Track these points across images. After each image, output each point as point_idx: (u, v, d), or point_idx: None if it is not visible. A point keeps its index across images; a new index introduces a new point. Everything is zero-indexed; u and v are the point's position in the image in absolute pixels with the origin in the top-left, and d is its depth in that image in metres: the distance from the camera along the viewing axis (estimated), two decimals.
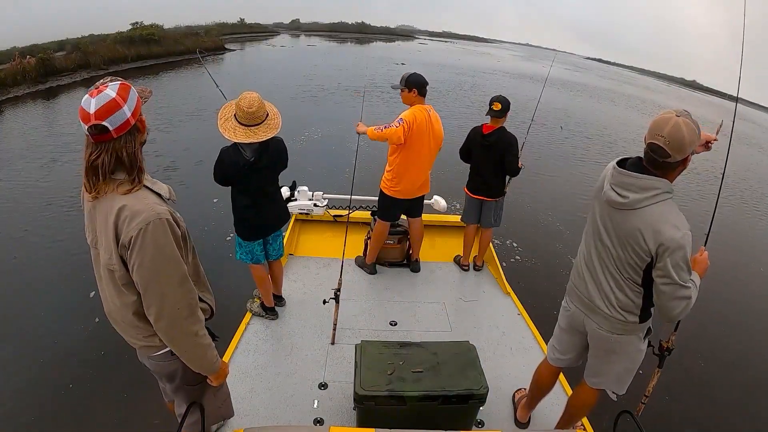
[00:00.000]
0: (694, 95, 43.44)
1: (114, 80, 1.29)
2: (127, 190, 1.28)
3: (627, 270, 1.66)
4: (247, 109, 2.23)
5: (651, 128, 1.54)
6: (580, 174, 9.59)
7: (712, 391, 3.83)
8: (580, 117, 16.46)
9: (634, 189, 1.57)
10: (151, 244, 1.26)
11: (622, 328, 1.75)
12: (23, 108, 11.01)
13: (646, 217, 1.55)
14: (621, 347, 1.80)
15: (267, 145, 2.38)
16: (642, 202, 1.56)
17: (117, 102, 1.23)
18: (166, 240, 1.29)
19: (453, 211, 5.37)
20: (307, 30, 51.78)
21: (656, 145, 1.51)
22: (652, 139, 1.52)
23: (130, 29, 20.32)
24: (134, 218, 1.25)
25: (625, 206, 1.59)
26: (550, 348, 2.14)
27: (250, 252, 2.66)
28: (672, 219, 1.54)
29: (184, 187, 6.77)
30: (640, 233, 1.56)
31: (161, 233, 1.28)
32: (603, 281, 1.74)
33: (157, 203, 1.31)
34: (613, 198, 1.61)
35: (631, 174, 1.58)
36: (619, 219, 1.63)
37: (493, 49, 58.91)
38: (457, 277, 3.57)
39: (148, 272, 1.28)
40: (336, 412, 2.25)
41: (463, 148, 3.42)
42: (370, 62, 26.19)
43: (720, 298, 5.30)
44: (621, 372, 1.86)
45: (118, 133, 1.25)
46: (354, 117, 3.67)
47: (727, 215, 8.62)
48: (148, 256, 1.26)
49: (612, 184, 1.62)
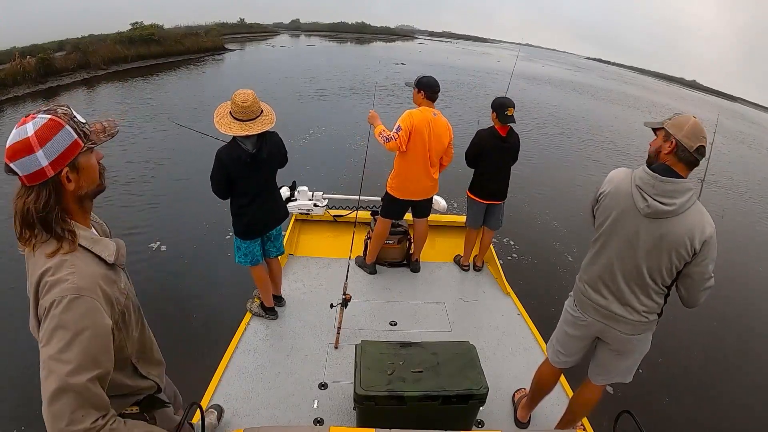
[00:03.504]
0: (694, 95, 43.43)
1: (50, 111, 1.03)
2: (52, 252, 1.03)
3: (663, 276, 1.68)
4: (242, 103, 2.27)
5: (693, 132, 1.57)
6: (579, 173, 9.61)
7: (712, 391, 3.83)
8: (578, 116, 16.47)
9: (677, 194, 1.58)
10: (59, 323, 0.97)
11: (643, 327, 1.78)
12: (23, 108, 11.01)
13: (690, 219, 1.59)
14: (639, 344, 1.84)
15: (265, 137, 2.42)
16: (685, 205, 1.58)
17: (30, 144, 0.98)
18: (80, 324, 0.99)
19: (453, 211, 5.37)
20: (307, 30, 51.80)
21: (703, 147, 1.58)
22: (700, 142, 1.57)
23: (130, 29, 20.28)
24: (52, 288, 1.00)
25: (672, 213, 1.59)
26: (552, 351, 2.11)
27: (250, 253, 2.65)
28: (707, 216, 1.61)
29: (184, 184, 6.79)
30: (687, 235, 1.58)
31: (76, 314, 0.99)
32: (626, 292, 1.74)
33: (85, 275, 1.04)
34: (660, 208, 1.59)
35: (672, 180, 1.58)
36: (662, 228, 1.61)
37: (493, 49, 58.93)
38: (457, 277, 3.57)
39: (50, 356, 0.97)
40: (336, 412, 2.25)
41: (473, 152, 3.28)
42: (370, 62, 26.17)
43: (720, 298, 5.30)
44: (630, 365, 1.90)
45: (30, 182, 1.02)
46: (355, 117, 3.67)
47: (728, 215, 8.62)
48: (55, 338, 0.97)
49: (653, 195, 1.60)
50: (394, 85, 16.15)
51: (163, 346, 1.57)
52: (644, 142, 1.81)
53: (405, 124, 2.93)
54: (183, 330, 3.78)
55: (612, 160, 10.91)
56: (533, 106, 16.39)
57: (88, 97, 12.85)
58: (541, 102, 17.80)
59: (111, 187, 5.10)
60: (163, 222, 5.73)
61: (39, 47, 15.53)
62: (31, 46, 15.64)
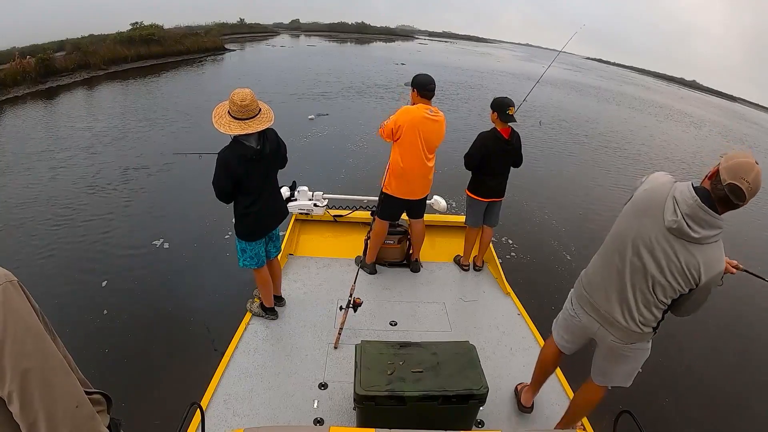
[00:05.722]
0: (694, 95, 43.44)
1: None
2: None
3: (667, 294, 1.67)
4: (241, 102, 2.27)
5: (733, 169, 1.49)
6: (577, 171, 9.61)
7: (712, 391, 3.83)
8: (577, 115, 16.47)
9: (707, 226, 1.55)
10: (8, 315, 0.86)
11: (636, 337, 1.78)
12: (23, 108, 11.00)
13: (708, 253, 1.58)
14: (633, 353, 1.84)
15: (265, 134, 2.43)
16: (709, 239, 1.56)
17: None
18: (29, 310, 0.91)
19: (453, 211, 5.37)
20: (307, 30, 51.73)
21: (739, 188, 1.47)
22: (736, 181, 1.47)
23: (130, 29, 20.23)
24: None
25: (695, 241, 1.56)
26: (556, 333, 2.15)
27: (256, 255, 2.65)
28: (722, 254, 1.61)
29: (184, 182, 6.79)
30: (697, 267, 1.58)
31: (19, 298, 0.90)
32: (630, 299, 1.73)
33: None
34: (686, 231, 1.56)
35: (709, 212, 1.53)
36: (678, 249, 1.59)
37: (493, 49, 58.92)
38: (457, 277, 3.57)
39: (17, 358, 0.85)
40: (336, 412, 2.25)
41: (475, 155, 3.24)
42: (370, 62, 26.16)
43: (720, 298, 5.30)
44: (629, 371, 1.92)
45: None
46: (357, 117, 3.67)
47: (728, 216, 8.61)
48: (9, 332, 0.85)
49: (686, 216, 1.55)
50: (396, 84, 16.15)
51: (163, 346, 1.57)
52: (642, 140, 1.80)
53: (394, 117, 3.03)
54: (183, 330, 3.77)
55: (611, 159, 10.90)
56: (534, 105, 16.39)
57: (88, 98, 12.85)
58: (541, 102, 17.80)
59: (111, 187, 5.10)
60: (167, 220, 5.74)
61: (39, 47, 15.49)
62: (31, 46, 15.60)
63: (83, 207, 5.86)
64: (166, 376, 3.25)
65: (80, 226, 5.38)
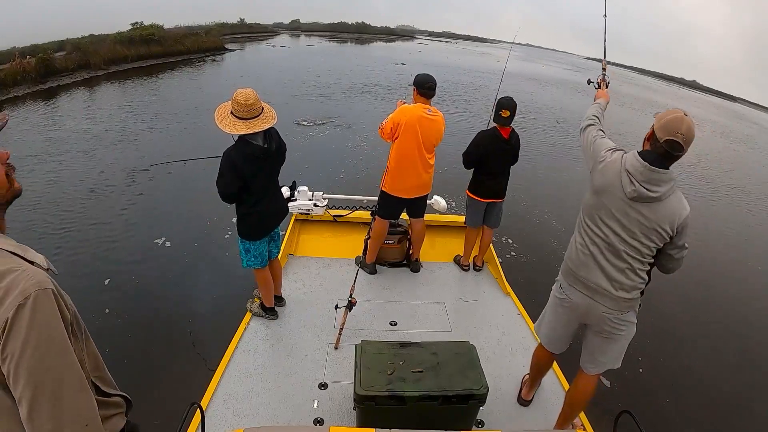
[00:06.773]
0: (694, 95, 43.43)
1: None
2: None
3: (646, 255, 1.79)
4: (245, 102, 2.28)
5: (666, 126, 1.65)
6: (577, 171, 9.59)
7: (712, 391, 3.83)
8: (577, 115, 16.45)
9: (662, 183, 1.69)
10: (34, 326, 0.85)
11: (626, 305, 1.86)
12: (23, 108, 11.00)
13: (670, 205, 1.72)
14: (624, 324, 1.90)
15: (269, 132, 2.46)
16: (667, 193, 1.71)
17: None
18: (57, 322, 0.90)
19: (453, 211, 5.37)
20: (307, 30, 51.72)
21: (675, 142, 1.63)
22: (671, 136, 1.63)
23: (130, 29, 20.23)
24: (9, 292, 0.86)
25: (656, 199, 1.70)
26: (541, 335, 2.21)
27: (260, 255, 2.65)
28: (684, 201, 1.75)
29: (185, 180, 6.79)
30: (667, 220, 1.72)
31: (49, 308, 0.89)
32: (612, 269, 1.83)
33: (37, 271, 0.93)
34: (647, 194, 1.70)
35: (659, 170, 1.68)
36: (644, 211, 1.73)
37: (493, 49, 58.90)
38: (457, 277, 3.57)
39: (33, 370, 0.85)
40: (336, 412, 2.25)
41: (474, 154, 3.25)
42: (370, 62, 26.15)
43: (720, 298, 5.31)
44: (619, 349, 1.97)
45: None
46: (357, 117, 3.67)
47: (728, 216, 8.63)
48: (31, 344, 0.85)
49: (641, 182, 1.70)
50: (397, 85, 16.14)
51: (163, 345, 1.57)
52: (642, 141, 1.82)
53: (392, 116, 3.05)
54: (183, 330, 3.77)
55: None
56: (533, 105, 16.39)
57: (88, 98, 12.85)
58: (541, 101, 17.80)
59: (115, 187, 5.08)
60: (169, 219, 5.74)
61: (39, 47, 15.47)
62: (31, 46, 15.59)
63: (85, 207, 5.88)
64: (166, 376, 3.25)
65: (83, 225, 5.40)
